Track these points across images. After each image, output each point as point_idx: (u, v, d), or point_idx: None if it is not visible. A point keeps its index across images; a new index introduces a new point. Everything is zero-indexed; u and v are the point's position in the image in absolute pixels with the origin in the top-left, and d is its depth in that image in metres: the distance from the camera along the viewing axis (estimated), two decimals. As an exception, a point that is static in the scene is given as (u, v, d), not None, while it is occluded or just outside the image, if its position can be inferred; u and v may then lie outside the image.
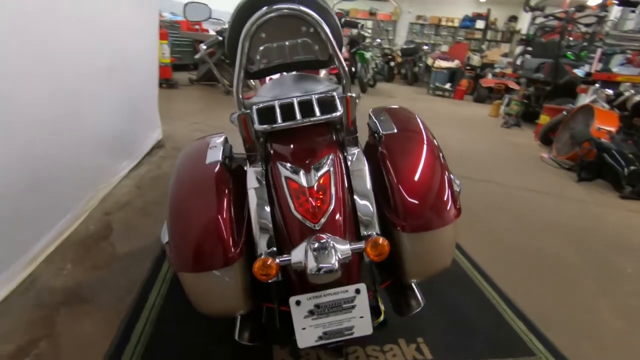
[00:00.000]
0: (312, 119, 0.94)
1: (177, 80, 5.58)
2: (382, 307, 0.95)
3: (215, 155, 1.04)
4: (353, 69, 7.27)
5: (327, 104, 0.95)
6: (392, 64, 9.64)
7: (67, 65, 1.65)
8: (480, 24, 11.56)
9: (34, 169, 1.45)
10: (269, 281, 0.88)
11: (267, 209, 0.94)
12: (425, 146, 1.06)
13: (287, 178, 0.93)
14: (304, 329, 0.85)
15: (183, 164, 1.06)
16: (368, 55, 7.47)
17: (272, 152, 1.01)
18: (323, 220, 0.88)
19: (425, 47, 9.92)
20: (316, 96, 0.95)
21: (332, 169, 0.95)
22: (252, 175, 1.00)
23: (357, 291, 0.85)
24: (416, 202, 0.94)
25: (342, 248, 0.82)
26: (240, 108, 0.94)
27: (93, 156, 1.92)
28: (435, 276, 1.03)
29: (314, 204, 0.89)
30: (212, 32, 6.05)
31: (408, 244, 0.95)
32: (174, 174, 1.03)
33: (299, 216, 0.89)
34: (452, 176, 1.09)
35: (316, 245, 0.81)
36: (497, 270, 1.74)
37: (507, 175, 3.18)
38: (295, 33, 0.90)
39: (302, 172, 0.93)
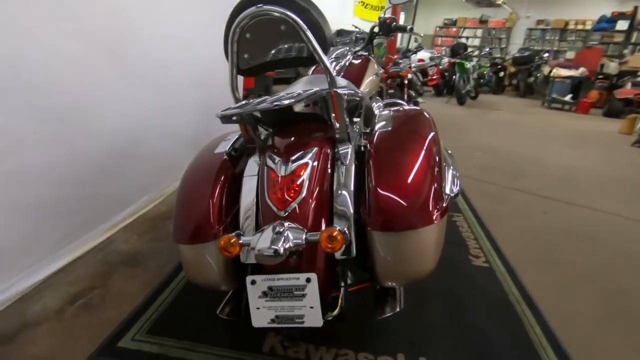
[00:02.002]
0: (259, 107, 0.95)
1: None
2: (341, 303, 0.92)
3: (224, 146, 1.17)
4: (452, 79, 6.88)
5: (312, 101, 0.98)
6: (501, 74, 8.80)
7: (167, 73, 2.06)
8: (622, 25, 9.64)
9: (123, 154, 1.83)
10: (246, 262, 0.96)
11: (253, 195, 1.02)
12: (415, 145, 1.00)
13: (268, 168, 1.00)
14: (258, 308, 0.89)
15: (199, 153, 1.22)
16: (469, 65, 6.99)
17: (268, 145, 1.09)
18: (289, 208, 0.92)
19: (546, 55, 8.75)
20: (300, 92, 0.99)
21: (312, 162, 0.98)
22: (249, 165, 1.09)
23: (308, 280, 0.85)
24: (388, 200, 0.90)
25: (295, 236, 0.84)
26: (236, 104, 1.05)
27: (173, 149, 2.29)
28: (412, 282, 0.95)
29: (284, 193, 0.93)
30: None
31: (377, 244, 0.91)
32: (191, 161, 1.20)
33: (270, 203, 0.94)
34: (450, 175, 0.99)
35: (274, 230, 0.85)
36: (562, 309, 1.46)
37: (617, 203, 2.60)
38: (277, 33, 0.96)
39: (281, 163, 0.98)
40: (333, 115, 0.99)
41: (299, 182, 0.94)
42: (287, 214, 0.91)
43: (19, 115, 1.32)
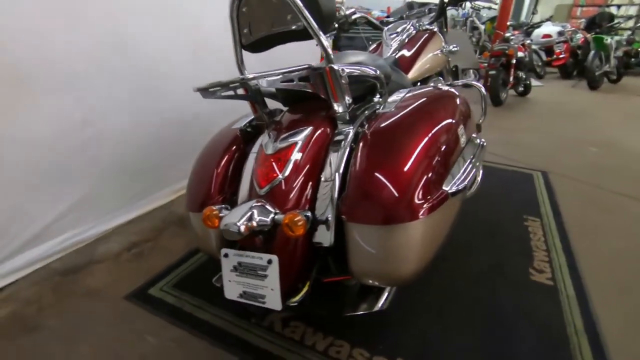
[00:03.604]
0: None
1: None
2: (305, 291, 0.87)
3: (240, 122, 1.20)
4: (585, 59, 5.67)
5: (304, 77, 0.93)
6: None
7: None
8: None
9: (192, 128, 2.04)
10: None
11: (251, 171, 1.03)
12: (415, 130, 0.87)
13: (262, 145, 0.99)
14: (230, 281, 0.91)
15: (222, 127, 1.28)
16: (610, 40, 5.64)
17: (273, 122, 1.08)
18: (268, 187, 0.90)
19: None
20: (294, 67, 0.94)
21: (302, 142, 0.93)
22: (257, 142, 1.10)
23: (269, 262, 0.83)
24: (366, 188, 0.81)
25: (261, 216, 0.82)
26: None
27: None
28: (390, 283, 0.85)
29: (267, 171, 0.92)
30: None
31: (351, 236, 0.83)
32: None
33: (254, 180, 0.94)
34: (463, 170, 0.83)
35: (247, 207, 0.85)
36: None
37: None
38: (271, 5, 0.92)
39: (271, 141, 0.96)
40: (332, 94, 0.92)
41: (282, 162, 0.91)
42: (266, 192, 0.90)
43: (104, 94, 1.58)
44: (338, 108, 0.95)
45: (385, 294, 0.94)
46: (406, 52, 1.68)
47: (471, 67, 5.19)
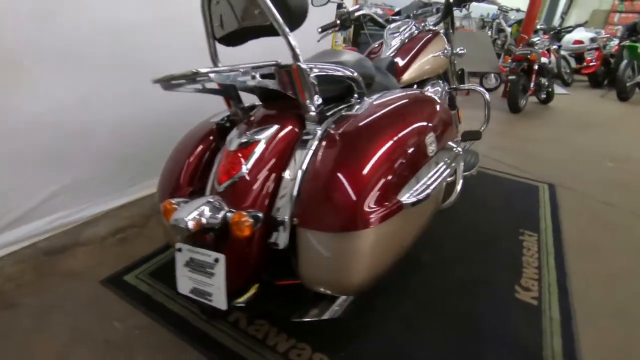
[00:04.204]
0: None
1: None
2: (252, 292, 0.86)
3: (218, 116, 1.19)
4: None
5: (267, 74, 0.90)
6: None
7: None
8: None
9: (184, 119, 2.05)
10: None
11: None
12: (372, 135, 0.83)
13: (227, 141, 0.98)
14: (183, 276, 0.91)
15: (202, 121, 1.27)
16: (646, 49, 5.33)
17: (245, 118, 1.07)
18: (226, 184, 0.88)
19: None
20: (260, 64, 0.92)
21: (266, 140, 0.91)
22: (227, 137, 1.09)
23: (216, 260, 0.82)
24: (315, 193, 0.78)
25: (211, 214, 0.81)
26: None
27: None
28: (336, 292, 0.82)
29: (226, 167, 0.90)
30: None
31: (299, 240, 0.80)
32: None
33: (215, 176, 0.93)
34: (426, 178, 0.79)
35: (201, 203, 0.84)
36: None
37: None
38: (241, 0, 0.89)
39: (235, 137, 0.95)
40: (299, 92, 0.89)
41: (242, 160, 0.89)
42: (224, 189, 0.89)
43: (100, 79, 1.61)
44: (306, 107, 0.92)
45: (340, 302, 0.91)
46: (404, 53, 1.63)
47: (492, 70, 5.04)
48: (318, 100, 0.92)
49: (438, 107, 1.07)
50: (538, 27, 6.17)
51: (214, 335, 1.16)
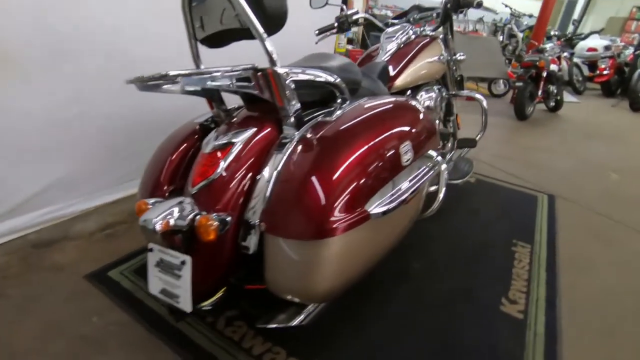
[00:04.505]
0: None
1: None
2: (218, 296, 0.85)
3: (203, 117, 1.19)
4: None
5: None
6: None
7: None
8: None
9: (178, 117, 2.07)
10: None
11: None
12: (342, 142, 0.82)
13: (204, 143, 0.97)
14: (154, 276, 0.91)
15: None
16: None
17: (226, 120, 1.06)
18: (199, 186, 0.88)
19: None
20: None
21: (241, 143, 0.91)
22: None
23: (183, 262, 0.82)
24: (281, 199, 0.77)
25: (180, 216, 0.81)
26: None
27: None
28: (302, 300, 0.81)
29: (200, 170, 0.90)
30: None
31: (266, 245, 0.80)
32: None
33: (190, 178, 0.93)
34: (402, 186, 0.78)
35: (172, 204, 0.84)
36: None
37: None
38: (220, 3, 0.89)
39: (212, 140, 0.94)
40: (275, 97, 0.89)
41: (215, 163, 0.89)
42: (196, 191, 0.89)
43: (94, 74, 1.62)
44: (283, 111, 0.91)
45: (309, 309, 0.90)
46: (398, 58, 1.61)
47: (499, 76, 4.97)
48: (296, 104, 0.91)
49: (418, 115, 1.05)
50: (552, 33, 6.07)
51: (190, 335, 1.16)
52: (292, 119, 0.92)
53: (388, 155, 0.87)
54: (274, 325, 0.86)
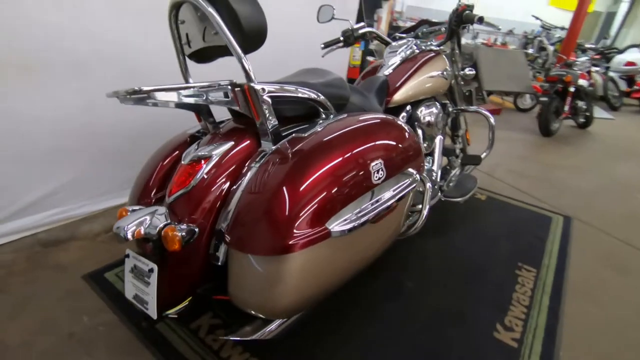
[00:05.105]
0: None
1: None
2: (184, 304, 0.86)
3: (195, 129, 1.23)
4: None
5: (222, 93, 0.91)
6: None
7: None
8: None
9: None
10: None
11: None
12: (307, 159, 0.82)
13: (184, 155, 1.00)
14: (129, 281, 0.94)
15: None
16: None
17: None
18: (173, 197, 0.91)
19: None
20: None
21: (217, 156, 0.93)
22: None
23: (151, 270, 0.84)
24: (243, 214, 0.78)
25: (150, 225, 0.83)
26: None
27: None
28: (262, 313, 0.81)
29: (178, 180, 0.93)
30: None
31: (229, 258, 0.81)
32: None
33: (168, 188, 0.96)
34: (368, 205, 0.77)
35: (145, 213, 0.87)
36: None
37: None
38: (202, 21, 0.92)
39: (192, 151, 0.97)
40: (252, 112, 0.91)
41: (192, 175, 0.91)
42: (172, 201, 0.91)
43: (99, 81, 1.71)
44: (260, 126, 0.93)
45: (276, 324, 0.89)
46: (399, 73, 1.60)
47: (523, 90, 4.81)
48: (273, 120, 0.92)
49: (396, 132, 1.04)
50: (587, 46, 5.82)
51: (172, 341, 1.18)
52: (270, 134, 0.93)
53: (356, 173, 0.87)
54: (237, 338, 0.87)
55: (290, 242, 0.74)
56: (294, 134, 0.94)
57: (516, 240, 1.94)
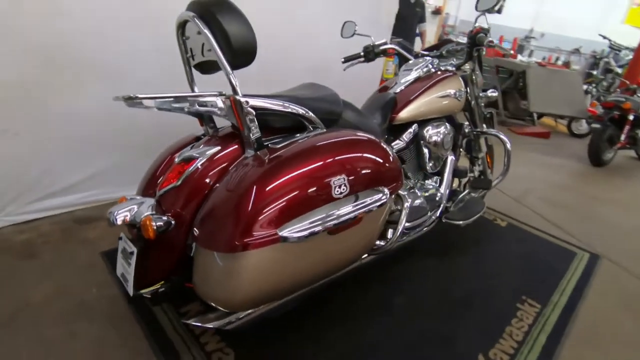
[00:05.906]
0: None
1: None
2: (156, 287, 0.96)
3: (200, 131, 1.36)
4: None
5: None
6: None
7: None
8: None
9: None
10: None
11: None
12: (271, 168, 0.89)
13: (178, 154, 1.12)
14: (119, 261, 1.07)
15: None
16: None
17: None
18: (162, 191, 1.03)
19: None
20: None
21: (204, 158, 1.03)
22: None
23: (131, 253, 0.95)
24: (205, 212, 0.88)
25: (137, 214, 0.95)
26: None
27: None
28: (217, 305, 0.88)
29: (169, 177, 1.05)
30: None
31: (194, 251, 0.90)
32: None
33: (160, 182, 1.08)
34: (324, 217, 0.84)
35: (137, 203, 1.00)
36: None
37: None
38: (200, 37, 1.02)
39: (186, 151, 1.09)
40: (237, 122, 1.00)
41: (182, 172, 1.02)
42: (160, 195, 1.03)
43: (155, 83, 1.92)
44: (244, 134, 1.02)
45: (236, 316, 0.97)
46: (408, 91, 1.61)
47: (575, 115, 4.49)
48: (255, 129, 1.01)
49: (371, 152, 1.07)
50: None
51: (161, 320, 1.31)
52: (252, 142, 1.02)
53: (316, 185, 0.92)
54: (197, 323, 0.95)
55: (244, 241, 0.82)
56: (268, 144, 1.02)
57: (528, 272, 1.84)
